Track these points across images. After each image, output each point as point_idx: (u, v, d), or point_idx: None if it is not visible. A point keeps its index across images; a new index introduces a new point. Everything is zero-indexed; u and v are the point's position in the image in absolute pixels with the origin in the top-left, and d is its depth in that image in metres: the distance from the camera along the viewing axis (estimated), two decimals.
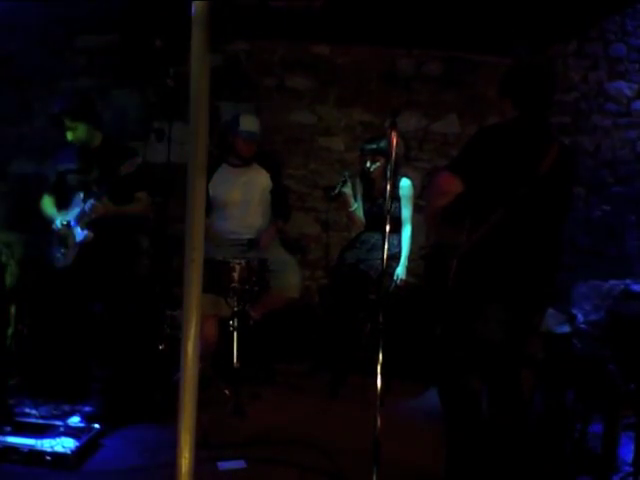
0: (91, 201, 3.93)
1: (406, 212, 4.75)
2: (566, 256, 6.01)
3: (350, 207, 4.77)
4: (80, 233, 4.00)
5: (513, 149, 2.81)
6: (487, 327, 2.86)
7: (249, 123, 4.62)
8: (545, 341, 3.77)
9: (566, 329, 4.38)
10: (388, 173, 3.11)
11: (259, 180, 4.74)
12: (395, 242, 4.69)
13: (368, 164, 4.72)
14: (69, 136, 4.09)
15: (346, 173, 4.77)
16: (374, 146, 4.70)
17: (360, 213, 4.83)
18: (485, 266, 2.89)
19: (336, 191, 4.71)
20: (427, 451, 3.19)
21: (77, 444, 3.29)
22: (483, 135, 2.94)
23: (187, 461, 2.02)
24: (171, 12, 4.32)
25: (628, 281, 5.69)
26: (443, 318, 3.13)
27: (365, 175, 4.81)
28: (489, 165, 2.79)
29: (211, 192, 4.58)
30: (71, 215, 4.06)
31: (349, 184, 4.73)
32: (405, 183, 4.77)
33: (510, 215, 2.80)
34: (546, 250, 2.94)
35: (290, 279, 4.62)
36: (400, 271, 4.68)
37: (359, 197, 4.86)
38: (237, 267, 4.09)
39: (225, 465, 3.38)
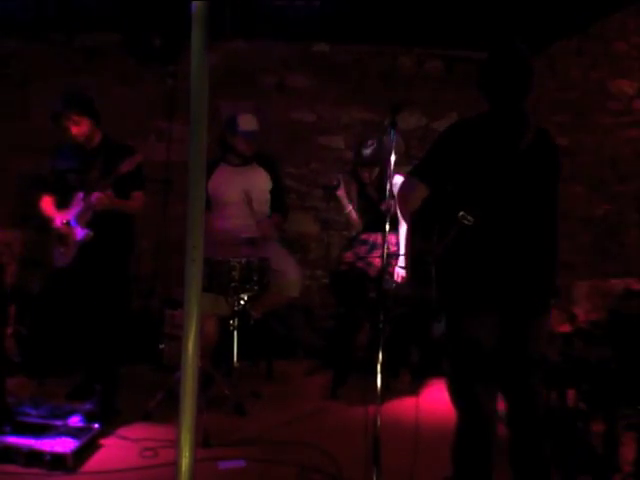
0: (97, 193, 3.92)
1: None
2: (567, 255, 6.00)
3: (344, 210, 4.77)
4: (80, 232, 3.99)
5: (479, 142, 2.69)
6: (473, 333, 2.73)
7: (248, 122, 4.61)
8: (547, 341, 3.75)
9: (567, 328, 4.37)
10: (387, 171, 3.10)
11: (258, 179, 4.73)
12: (394, 240, 4.69)
13: (365, 174, 4.69)
14: (73, 131, 4.07)
15: (339, 177, 4.77)
16: (368, 152, 4.61)
17: (355, 214, 4.81)
18: (460, 271, 2.74)
19: (329, 194, 4.72)
20: (428, 451, 3.18)
21: (77, 444, 3.29)
22: (449, 133, 2.81)
23: (187, 460, 2.02)
24: (171, 11, 4.32)
25: (629, 280, 5.68)
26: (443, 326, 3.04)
27: (357, 175, 4.79)
28: (454, 162, 2.70)
29: (210, 191, 4.57)
30: (71, 214, 4.05)
31: (342, 187, 4.72)
32: (399, 180, 4.76)
33: (482, 213, 2.65)
34: (531, 248, 2.73)
35: (290, 278, 4.62)
36: (400, 269, 4.68)
37: (354, 197, 4.84)
38: (237, 266, 4.08)
39: (225, 464, 3.38)
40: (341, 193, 4.73)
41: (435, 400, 4.27)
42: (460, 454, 2.88)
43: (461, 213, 2.67)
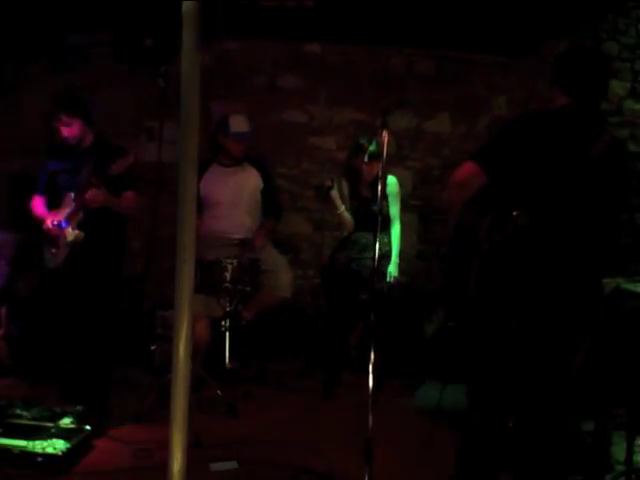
0: (91, 190, 3.91)
1: (394, 210, 4.76)
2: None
3: (337, 210, 4.77)
4: (71, 233, 3.98)
5: (553, 140, 2.50)
6: (514, 347, 2.53)
7: (239, 124, 4.61)
8: None
9: None
10: (379, 172, 3.11)
11: (250, 180, 4.73)
12: (386, 240, 4.69)
13: (365, 169, 4.67)
14: (64, 132, 4.06)
15: (332, 177, 4.77)
16: (374, 150, 4.60)
17: (348, 214, 4.82)
18: (505, 274, 2.51)
19: (322, 194, 4.72)
20: (420, 451, 3.19)
21: (68, 446, 3.28)
22: (520, 122, 2.61)
23: (179, 462, 2.02)
24: (162, 11, 4.30)
25: (620, 279, 5.69)
26: (466, 329, 2.87)
27: (351, 174, 4.79)
28: (521, 156, 2.49)
29: (202, 192, 4.57)
30: (62, 215, 4.04)
31: (335, 187, 4.72)
32: (392, 180, 4.78)
33: (541, 215, 2.45)
34: (589, 256, 2.51)
35: (282, 279, 4.62)
36: (392, 269, 4.68)
37: (346, 197, 4.84)
38: (229, 267, 4.07)
39: (217, 466, 3.38)
40: (334, 193, 4.74)
41: (426, 401, 4.28)
42: (467, 459, 2.79)
43: (516, 212, 2.49)
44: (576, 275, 2.48)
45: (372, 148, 4.62)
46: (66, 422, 3.51)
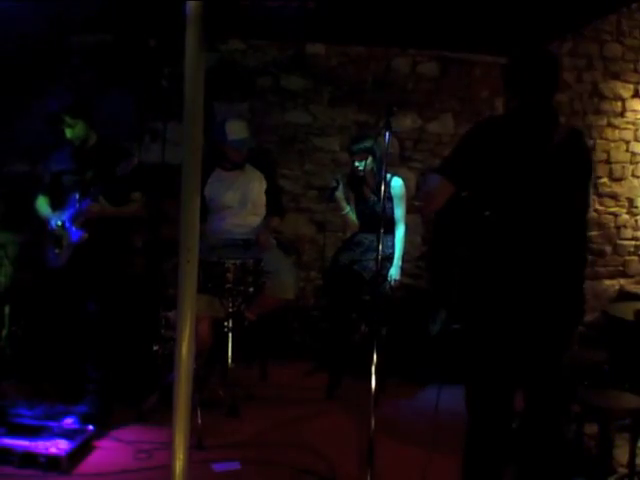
0: (87, 201, 3.92)
1: (399, 212, 4.74)
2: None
3: (342, 210, 4.77)
4: (75, 233, 3.98)
5: (508, 140, 2.59)
6: (496, 344, 2.59)
7: (236, 131, 4.57)
8: None
9: None
10: (382, 173, 3.11)
11: (254, 181, 4.73)
12: (389, 243, 4.68)
13: (356, 164, 4.71)
14: (68, 134, 4.07)
15: (337, 177, 4.76)
16: (361, 146, 4.67)
17: (353, 215, 4.82)
18: (485, 276, 2.59)
19: (328, 195, 4.72)
20: (423, 452, 3.18)
21: (71, 446, 3.29)
22: (476, 131, 2.72)
23: (181, 462, 2.02)
24: (165, 12, 4.30)
25: (623, 282, 5.70)
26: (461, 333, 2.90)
27: (355, 175, 4.81)
28: (482, 160, 2.59)
29: (207, 194, 4.57)
30: (66, 215, 4.04)
31: (341, 188, 4.73)
32: (397, 182, 4.76)
33: (507, 213, 2.56)
34: (560, 255, 2.58)
35: (285, 280, 4.61)
36: (394, 272, 4.67)
37: (351, 199, 4.85)
38: (232, 268, 4.07)
39: (219, 466, 3.38)
40: (339, 194, 4.73)
41: (429, 402, 4.28)
42: (470, 461, 2.76)
43: (487, 214, 2.58)
44: (553, 268, 2.56)
45: (358, 145, 4.66)
46: (69, 422, 3.52)
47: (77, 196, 4.00)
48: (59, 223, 4.04)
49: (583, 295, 2.68)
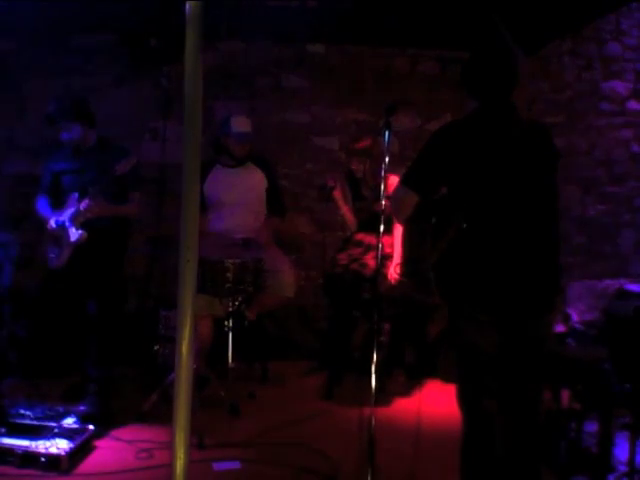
0: (86, 200, 3.92)
1: None
2: (561, 255, 6.03)
3: (341, 210, 4.78)
4: (74, 233, 3.98)
5: (472, 141, 2.63)
6: (474, 338, 2.67)
7: (241, 124, 4.60)
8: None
9: (561, 328, 4.38)
10: (382, 172, 3.11)
11: (254, 179, 4.73)
12: (388, 241, 4.68)
13: (354, 166, 4.72)
14: (64, 137, 4.07)
15: (334, 177, 4.77)
16: (360, 147, 4.69)
17: (352, 214, 4.82)
18: (458, 274, 2.67)
19: (325, 194, 4.73)
20: (423, 451, 3.19)
21: (71, 445, 3.29)
22: (435, 138, 2.74)
23: (182, 462, 2.02)
24: (166, 12, 4.31)
25: (622, 280, 5.69)
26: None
27: (352, 175, 4.81)
28: (447, 166, 2.65)
29: (206, 193, 4.57)
30: (65, 215, 4.04)
31: (338, 187, 4.73)
32: (395, 181, 4.76)
33: (475, 215, 2.61)
34: (531, 247, 2.64)
35: (285, 279, 4.61)
36: (394, 270, 4.67)
37: (349, 198, 4.85)
38: (232, 267, 4.07)
39: (220, 466, 3.38)
40: (337, 194, 4.74)
41: (431, 401, 4.28)
42: (464, 458, 2.82)
43: (456, 215, 2.64)
44: (523, 263, 2.62)
45: (357, 146, 4.69)
46: (69, 422, 3.52)
47: (77, 196, 4.00)
48: (59, 223, 4.04)
49: (558, 280, 2.75)
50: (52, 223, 4.08)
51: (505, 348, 2.68)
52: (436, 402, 4.20)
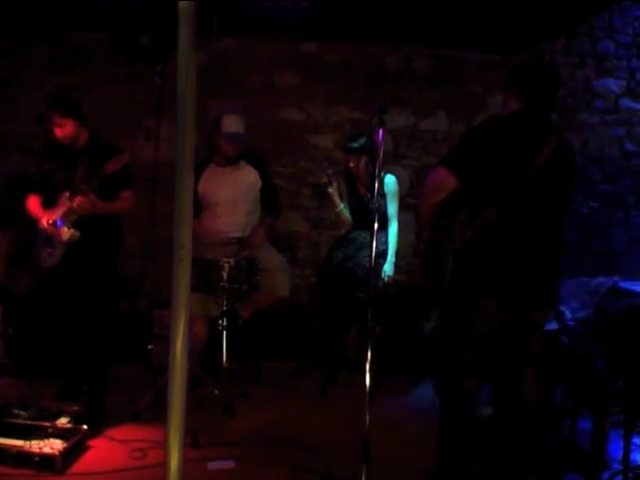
0: (79, 197, 3.91)
1: (392, 209, 4.75)
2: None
3: (337, 207, 4.77)
4: (66, 232, 3.97)
5: (511, 143, 2.80)
6: (481, 324, 2.85)
7: (232, 124, 4.56)
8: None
9: (554, 326, 4.39)
10: (376, 170, 3.11)
11: (248, 178, 4.72)
12: (383, 239, 4.69)
13: (352, 163, 4.73)
14: (57, 133, 4.05)
15: (328, 173, 4.76)
16: (356, 145, 4.71)
17: (347, 212, 4.82)
18: (479, 262, 2.86)
19: (320, 191, 4.74)
20: (417, 448, 3.19)
21: (65, 445, 3.28)
22: (481, 129, 2.93)
23: (176, 461, 2.01)
24: (159, 9, 4.30)
25: (616, 278, 5.71)
26: (440, 315, 3.16)
27: (349, 173, 4.82)
28: (486, 159, 2.78)
29: (200, 192, 4.55)
30: (57, 214, 4.03)
31: (334, 184, 4.73)
32: (390, 179, 4.77)
33: (505, 210, 2.78)
34: (543, 247, 2.90)
35: (279, 278, 4.61)
36: (388, 268, 4.68)
37: (345, 196, 4.85)
38: (226, 266, 4.07)
39: (214, 465, 3.38)
40: (332, 191, 4.74)
41: (425, 399, 4.28)
42: (442, 444, 2.98)
43: (487, 209, 2.79)
44: (535, 264, 2.87)
45: (354, 144, 4.70)
46: (63, 422, 3.51)
47: (68, 194, 3.98)
48: (50, 222, 4.03)
49: (559, 281, 3.06)
50: (44, 222, 4.06)
51: (506, 333, 2.89)
52: (430, 400, 4.21)
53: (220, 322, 4.16)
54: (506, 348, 2.94)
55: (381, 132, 3.12)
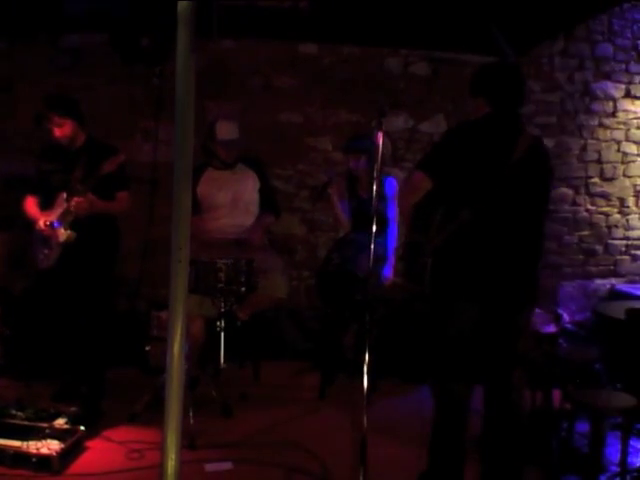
0: (76, 198, 3.91)
1: (391, 211, 4.75)
2: (552, 256, 6.05)
3: (335, 209, 4.77)
4: (63, 233, 3.97)
5: (483, 145, 2.87)
6: (461, 325, 2.89)
7: (225, 131, 4.56)
8: (532, 341, 3.77)
9: (552, 329, 4.39)
10: (374, 173, 3.11)
11: (246, 180, 4.72)
12: (382, 242, 4.69)
13: (352, 163, 4.73)
14: (56, 133, 4.05)
15: (330, 175, 4.76)
16: (356, 145, 4.70)
17: (346, 214, 4.82)
18: (456, 263, 2.91)
19: (319, 191, 4.74)
20: (415, 450, 3.19)
21: (62, 446, 3.28)
22: (453, 133, 3.03)
23: (173, 462, 2.01)
24: (157, 10, 4.30)
25: (613, 281, 5.71)
26: (423, 318, 3.20)
27: (349, 174, 4.82)
28: (459, 161, 2.85)
29: (199, 195, 4.55)
30: (54, 215, 4.02)
31: (334, 186, 4.73)
32: (390, 182, 4.78)
33: (480, 210, 2.82)
34: (521, 247, 2.92)
35: (277, 279, 4.60)
36: (386, 271, 4.68)
37: (345, 198, 4.84)
38: (224, 267, 4.06)
39: (212, 466, 3.38)
40: (332, 192, 4.73)
41: (422, 401, 4.28)
42: (435, 447, 3.00)
43: (462, 209, 2.84)
44: (514, 262, 2.89)
45: (354, 144, 4.71)
46: (60, 423, 3.50)
47: (65, 195, 3.98)
48: (47, 223, 4.02)
49: (538, 279, 3.02)
50: (41, 223, 4.05)
51: (487, 338, 2.92)
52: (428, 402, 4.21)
53: (218, 323, 4.15)
54: (490, 349, 2.95)
55: (380, 135, 3.12)
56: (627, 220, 6.28)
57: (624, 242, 6.30)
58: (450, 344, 2.93)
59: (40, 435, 3.33)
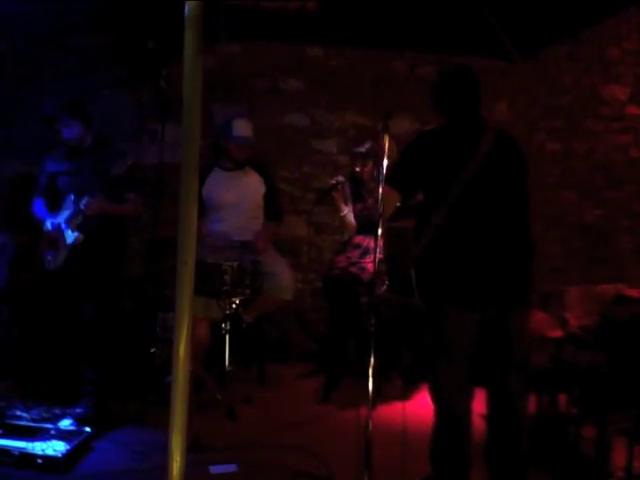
0: (86, 198, 3.91)
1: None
2: (559, 260, 6.03)
3: (341, 212, 4.77)
4: (70, 235, 3.98)
5: (442, 149, 2.89)
6: (451, 330, 2.86)
7: (242, 128, 4.60)
8: (538, 346, 3.75)
9: (558, 333, 4.37)
10: (380, 176, 3.10)
11: (252, 184, 4.73)
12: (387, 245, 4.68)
13: (358, 168, 4.73)
14: (64, 134, 4.07)
15: (339, 178, 4.75)
16: (363, 150, 4.71)
17: (352, 217, 4.82)
18: (436, 270, 2.90)
19: (324, 193, 4.74)
20: (419, 454, 3.18)
21: (68, 447, 3.28)
22: (414, 142, 3.02)
23: (178, 464, 2.02)
24: (164, 13, 4.31)
25: (621, 285, 5.69)
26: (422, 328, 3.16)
27: (355, 178, 4.81)
28: (420, 169, 2.91)
29: (204, 195, 4.56)
30: (62, 217, 4.03)
31: (339, 188, 4.73)
32: None
33: (452, 213, 2.81)
34: (503, 244, 2.87)
35: (283, 282, 4.61)
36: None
37: (350, 201, 4.84)
38: (229, 270, 4.06)
39: (217, 469, 3.37)
40: (338, 195, 4.73)
41: (426, 404, 4.27)
42: (437, 453, 3.00)
43: (434, 216, 2.84)
44: (495, 261, 2.84)
45: (360, 149, 4.73)
46: (66, 424, 3.51)
47: (73, 197, 3.99)
48: (55, 225, 4.03)
49: (530, 277, 2.95)
50: (48, 225, 4.07)
51: (484, 343, 2.89)
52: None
53: (223, 325, 4.16)
54: (483, 354, 2.92)
55: (386, 138, 3.12)
56: (634, 224, 6.26)
57: (631, 247, 6.27)
58: (444, 354, 2.91)
59: (46, 436, 3.34)
